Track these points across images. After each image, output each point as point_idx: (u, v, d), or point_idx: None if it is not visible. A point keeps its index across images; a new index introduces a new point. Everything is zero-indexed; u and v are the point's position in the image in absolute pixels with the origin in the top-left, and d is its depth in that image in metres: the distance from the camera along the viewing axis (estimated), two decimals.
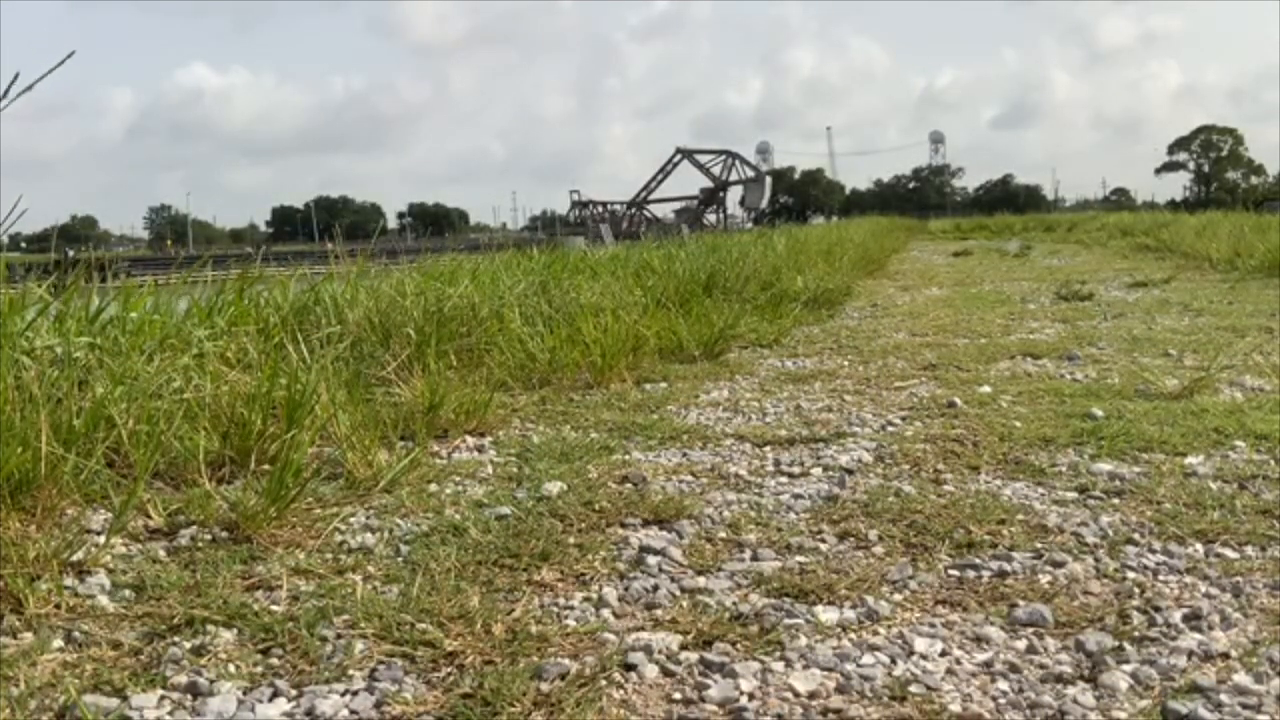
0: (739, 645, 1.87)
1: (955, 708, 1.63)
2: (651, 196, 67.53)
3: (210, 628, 1.92)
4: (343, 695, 1.68)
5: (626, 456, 3.34)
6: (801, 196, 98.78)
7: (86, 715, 1.58)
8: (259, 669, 1.78)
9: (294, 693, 1.70)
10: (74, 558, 2.23)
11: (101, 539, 2.37)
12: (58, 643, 1.88)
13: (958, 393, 4.29)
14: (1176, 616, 1.95)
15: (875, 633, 1.92)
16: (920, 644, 1.86)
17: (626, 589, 2.16)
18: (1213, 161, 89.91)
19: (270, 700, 1.67)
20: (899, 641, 1.88)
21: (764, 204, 67.18)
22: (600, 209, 65.88)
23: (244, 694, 1.69)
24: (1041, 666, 1.77)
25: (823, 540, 2.46)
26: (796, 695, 1.69)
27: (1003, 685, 1.71)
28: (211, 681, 1.72)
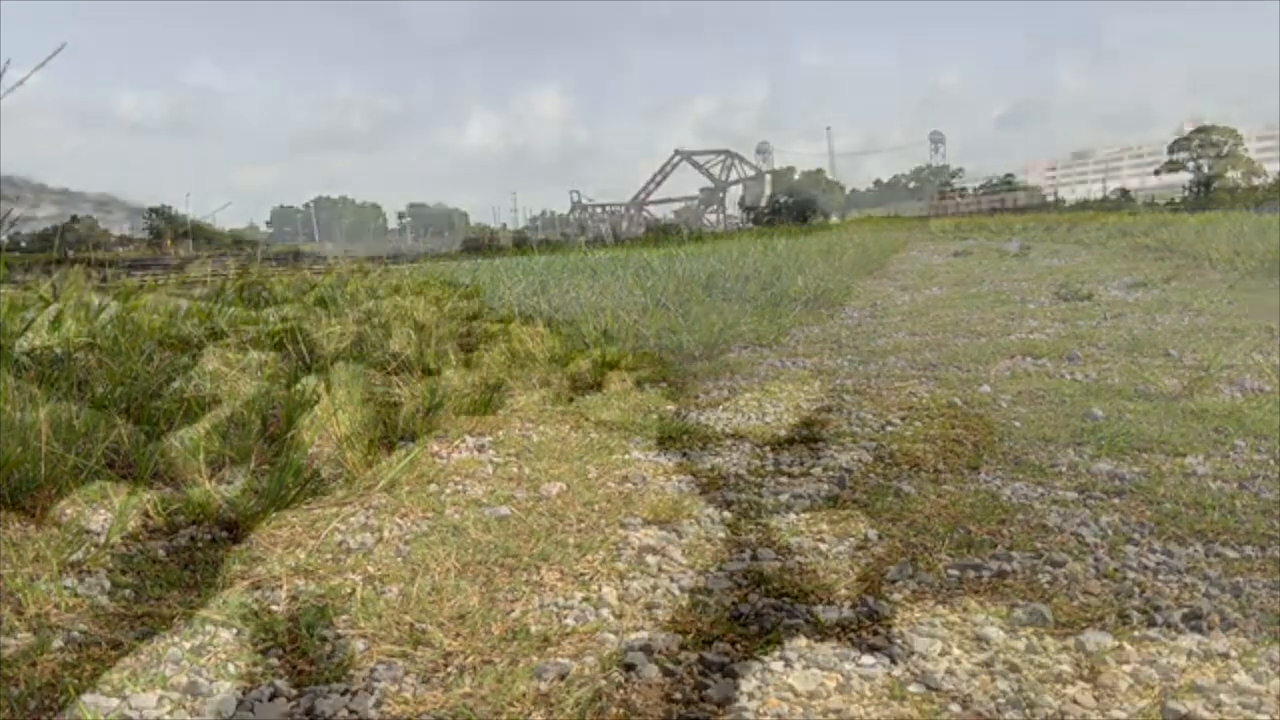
0: (739, 645, 1.87)
1: (955, 708, 1.63)
2: (651, 197, 67.61)
3: (210, 628, 1.92)
4: (343, 695, 1.68)
5: (626, 456, 3.34)
6: (801, 196, 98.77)
7: (86, 715, 1.57)
8: (259, 669, 1.78)
9: (294, 693, 1.70)
10: (74, 558, 2.23)
11: (101, 539, 2.37)
12: (58, 643, 1.88)
13: (958, 393, 4.29)
14: (1176, 616, 1.95)
15: (875, 633, 1.92)
16: (920, 644, 1.86)
17: (626, 589, 2.16)
18: (1213, 162, 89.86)
19: (270, 700, 1.67)
20: (899, 641, 1.88)
21: (763, 204, 67.24)
22: (600, 210, 65.99)
23: (244, 694, 1.69)
24: (1041, 666, 1.77)
25: (822, 540, 2.46)
26: (796, 695, 1.69)
27: (1003, 685, 1.70)
28: (211, 681, 1.72)
